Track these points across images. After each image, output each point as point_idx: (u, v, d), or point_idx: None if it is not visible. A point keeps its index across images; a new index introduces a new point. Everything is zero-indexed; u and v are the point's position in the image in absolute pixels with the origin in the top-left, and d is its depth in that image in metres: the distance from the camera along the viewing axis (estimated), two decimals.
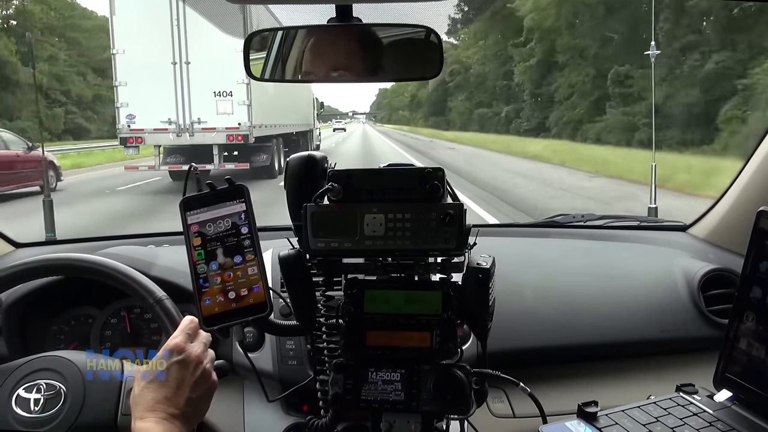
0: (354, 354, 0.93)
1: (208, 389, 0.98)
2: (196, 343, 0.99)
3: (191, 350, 0.97)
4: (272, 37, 1.11)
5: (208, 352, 1.00)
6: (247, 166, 11.19)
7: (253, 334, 1.37)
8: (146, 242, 1.69)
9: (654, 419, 1.01)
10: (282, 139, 13.26)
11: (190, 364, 0.95)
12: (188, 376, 0.95)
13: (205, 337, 1.01)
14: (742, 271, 1.08)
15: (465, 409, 0.91)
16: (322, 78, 1.12)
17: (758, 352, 1.03)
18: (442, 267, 0.95)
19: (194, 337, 1.00)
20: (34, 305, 1.42)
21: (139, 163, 12.78)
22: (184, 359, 0.95)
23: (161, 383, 0.93)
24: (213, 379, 0.99)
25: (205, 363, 0.98)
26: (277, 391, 1.28)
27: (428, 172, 0.90)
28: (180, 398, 0.93)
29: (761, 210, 1.06)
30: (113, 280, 1.16)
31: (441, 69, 1.07)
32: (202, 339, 1.00)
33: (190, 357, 0.96)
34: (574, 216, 1.99)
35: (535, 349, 1.45)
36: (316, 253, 0.93)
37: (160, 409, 0.91)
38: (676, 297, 1.54)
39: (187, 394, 0.94)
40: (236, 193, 0.99)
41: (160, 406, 0.92)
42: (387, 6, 1.06)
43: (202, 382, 0.97)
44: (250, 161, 11.34)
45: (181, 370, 0.95)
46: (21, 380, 1.07)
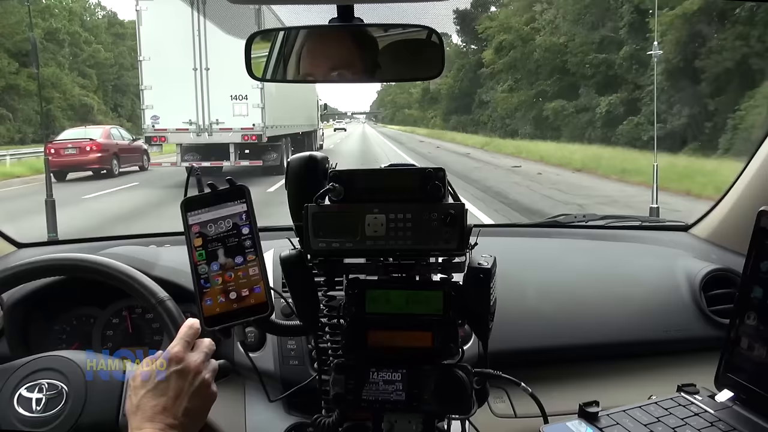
0: (355, 354, 0.93)
1: (206, 399, 0.96)
2: (195, 352, 0.97)
3: (190, 360, 0.95)
4: (274, 37, 1.12)
5: (209, 362, 0.98)
6: (260, 163, 12.21)
7: (255, 335, 1.37)
8: (148, 242, 1.70)
9: (655, 419, 1.01)
10: (290, 138, 14.24)
11: (189, 373, 0.94)
12: (187, 386, 0.93)
13: (207, 346, 0.99)
14: (743, 271, 1.08)
15: (466, 409, 0.91)
16: (324, 78, 1.12)
17: (760, 353, 1.03)
18: (443, 267, 0.95)
19: (194, 346, 0.98)
20: (36, 305, 1.42)
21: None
22: (182, 369, 0.94)
23: (159, 392, 0.92)
24: (212, 390, 0.97)
25: (204, 373, 0.96)
26: (278, 391, 1.28)
27: (429, 172, 0.90)
28: (178, 408, 0.92)
29: (762, 210, 1.06)
30: (115, 281, 1.16)
31: (443, 69, 1.07)
32: (203, 348, 0.98)
33: (189, 367, 0.94)
34: (575, 216, 1.99)
35: (536, 349, 1.45)
36: (317, 253, 0.93)
37: (158, 419, 0.90)
38: (677, 297, 1.54)
39: (185, 404, 0.93)
40: (237, 194, 0.99)
41: (158, 417, 0.90)
42: (388, 6, 1.06)
43: (201, 392, 0.95)
44: (262, 159, 12.38)
45: (179, 380, 0.93)
46: (23, 380, 1.07)
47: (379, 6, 1.05)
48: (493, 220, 7.48)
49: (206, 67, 11.69)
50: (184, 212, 0.98)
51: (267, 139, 12.23)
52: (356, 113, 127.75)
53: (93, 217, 9.06)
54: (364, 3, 1.02)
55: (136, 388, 0.94)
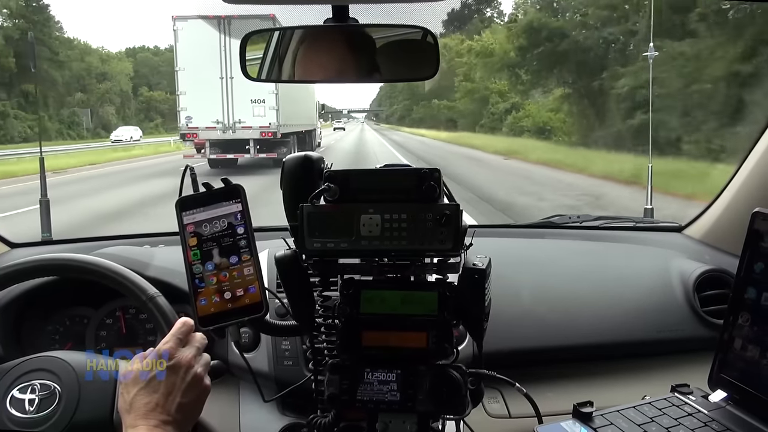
0: (350, 354, 0.93)
1: (200, 394, 0.96)
2: (187, 347, 0.97)
3: (181, 355, 0.95)
4: (269, 37, 1.11)
5: (201, 356, 0.98)
6: (275, 155, 14.23)
7: (249, 335, 1.37)
8: (142, 242, 1.69)
9: (649, 419, 1.01)
10: (296, 135, 16.85)
11: (180, 369, 0.94)
12: (179, 381, 0.93)
13: (199, 341, 0.99)
14: (737, 271, 1.08)
15: (461, 409, 0.91)
16: (319, 78, 1.12)
17: (753, 353, 1.03)
18: (438, 267, 0.95)
19: (186, 341, 0.98)
20: (29, 306, 1.42)
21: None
22: (174, 364, 0.94)
23: (152, 389, 0.92)
24: (205, 383, 0.97)
25: (196, 368, 0.96)
26: (272, 392, 1.28)
27: (424, 172, 0.90)
28: (171, 404, 0.92)
29: (756, 211, 1.06)
30: (106, 279, 1.16)
31: (437, 69, 1.07)
32: (195, 343, 0.98)
33: (180, 362, 0.94)
34: (570, 217, 1.99)
35: (530, 349, 1.46)
36: (312, 253, 0.93)
37: (151, 416, 0.90)
38: (671, 298, 1.54)
39: (178, 399, 0.93)
40: (232, 194, 0.98)
41: (151, 414, 0.90)
42: (383, 7, 1.06)
43: (194, 387, 0.95)
44: (276, 152, 14.57)
45: (171, 376, 0.93)
46: (15, 381, 1.07)
47: (374, 6, 1.05)
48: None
49: (231, 76, 14.06)
50: (178, 212, 0.98)
51: (281, 135, 14.81)
52: (354, 111, 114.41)
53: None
54: (359, 3, 1.01)
55: (128, 385, 0.94)
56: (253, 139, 14.67)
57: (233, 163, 14.87)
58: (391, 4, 1.05)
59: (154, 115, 50.39)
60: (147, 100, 51.46)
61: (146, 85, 53.11)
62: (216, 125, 14.55)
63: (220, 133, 14.66)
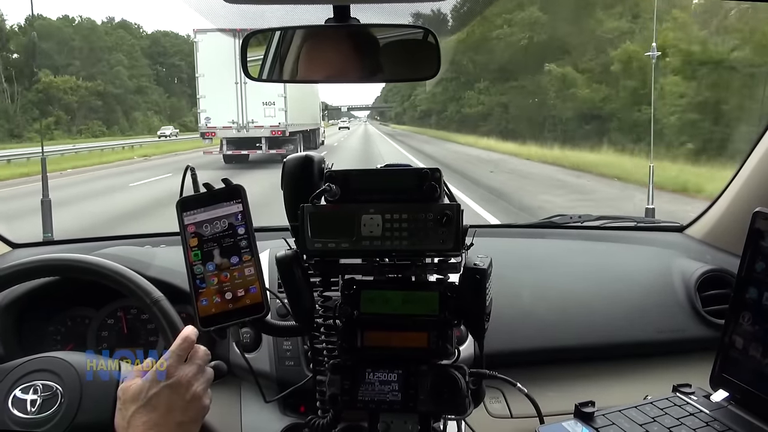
0: (351, 354, 0.93)
1: (198, 412, 0.95)
2: (187, 364, 0.95)
3: (181, 373, 0.94)
4: (270, 37, 1.11)
5: (203, 373, 0.97)
6: (284, 152, 15.63)
7: (250, 335, 1.36)
8: (143, 242, 1.69)
9: (651, 419, 1.01)
10: (301, 134, 18.76)
11: (180, 387, 0.93)
12: (178, 400, 0.92)
13: (200, 357, 0.97)
14: (738, 271, 1.08)
15: (462, 409, 0.91)
16: (320, 78, 1.12)
17: (754, 353, 1.03)
18: (439, 267, 0.95)
19: (188, 358, 0.96)
20: (31, 306, 1.42)
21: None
22: (173, 383, 0.93)
23: (150, 408, 0.91)
24: (204, 403, 0.96)
25: (195, 386, 0.94)
26: (274, 392, 1.28)
27: (425, 172, 0.90)
28: (170, 423, 0.91)
29: (757, 211, 1.06)
30: (110, 281, 1.16)
31: (439, 69, 1.07)
32: (197, 360, 0.97)
33: (180, 381, 0.93)
34: (571, 216, 1.99)
35: (532, 349, 1.46)
36: (313, 253, 0.93)
37: None
38: (672, 297, 1.54)
39: (177, 418, 0.92)
40: (233, 194, 0.98)
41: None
42: (384, 7, 1.05)
43: (193, 405, 0.94)
44: (284, 149, 16.47)
45: (171, 395, 0.92)
46: (17, 381, 1.07)
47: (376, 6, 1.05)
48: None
49: (244, 81, 15.53)
50: (179, 212, 0.98)
51: (288, 134, 16.77)
52: (354, 108, 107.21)
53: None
54: (361, 3, 1.01)
55: (126, 402, 0.93)
56: (264, 137, 16.67)
57: (245, 158, 16.99)
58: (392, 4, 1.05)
59: (52, 110, 37.82)
60: (45, 88, 38.35)
61: (49, 66, 40.14)
62: (232, 125, 16.54)
63: (235, 131, 16.71)
